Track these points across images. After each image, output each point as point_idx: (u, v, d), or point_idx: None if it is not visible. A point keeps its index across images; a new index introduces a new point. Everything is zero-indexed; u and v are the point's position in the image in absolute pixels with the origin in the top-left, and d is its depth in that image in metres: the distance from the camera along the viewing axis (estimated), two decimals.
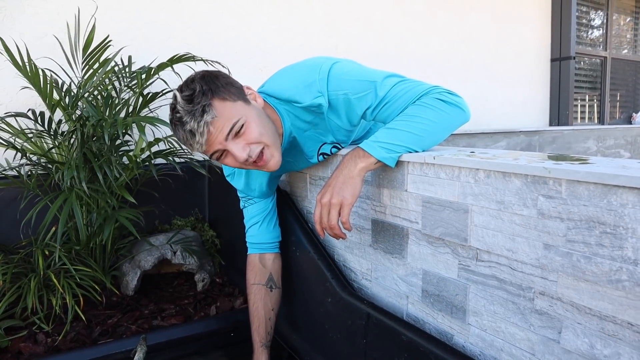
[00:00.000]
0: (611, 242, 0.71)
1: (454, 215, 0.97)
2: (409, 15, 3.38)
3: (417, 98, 1.07)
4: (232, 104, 1.04)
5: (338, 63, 1.13)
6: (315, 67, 1.12)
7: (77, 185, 1.57)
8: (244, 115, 1.05)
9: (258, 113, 1.09)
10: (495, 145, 3.18)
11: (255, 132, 1.06)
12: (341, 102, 1.11)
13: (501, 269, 0.89)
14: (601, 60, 4.91)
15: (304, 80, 1.12)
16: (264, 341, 1.37)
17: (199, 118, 1.01)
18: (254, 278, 1.42)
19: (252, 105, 1.10)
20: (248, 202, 1.44)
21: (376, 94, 1.08)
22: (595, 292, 0.74)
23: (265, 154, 1.08)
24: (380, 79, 1.09)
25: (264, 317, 1.38)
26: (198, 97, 1.02)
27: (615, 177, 0.68)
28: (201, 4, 2.47)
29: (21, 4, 2.02)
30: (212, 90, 1.03)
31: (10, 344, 1.48)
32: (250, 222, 1.45)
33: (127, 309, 1.71)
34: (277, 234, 1.46)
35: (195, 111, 1.01)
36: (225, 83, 1.07)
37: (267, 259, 1.44)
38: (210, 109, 1.01)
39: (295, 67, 1.19)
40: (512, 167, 0.83)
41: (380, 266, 1.23)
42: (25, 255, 1.68)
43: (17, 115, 1.70)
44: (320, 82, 1.10)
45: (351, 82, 1.10)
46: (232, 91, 1.06)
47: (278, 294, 1.44)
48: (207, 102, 1.01)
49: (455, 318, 1.01)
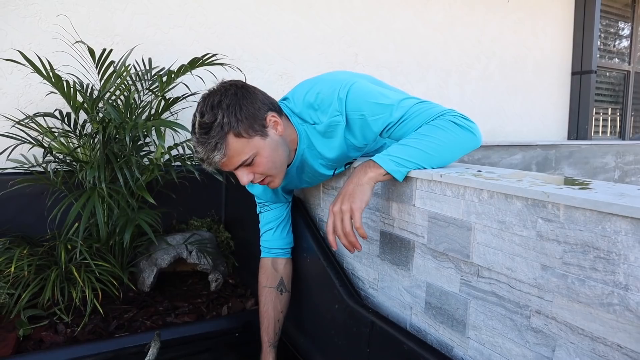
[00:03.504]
0: (604, 266, 0.74)
1: (458, 231, 1.01)
2: (429, 25, 3.40)
3: (432, 119, 1.11)
4: (246, 141, 1.09)
5: (357, 83, 1.16)
6: (335, 87, 1.15)
7: (99, 185, 1.64)
8: (256, 150, 1.11)
9: (272, 146, 1.13)
10: (510, 158, 3.18)
11: (263, 166, 1.13)
12: (357, 122, 1.16)
13: (500, 286, 0.93)
14: (624, 74, 4.86)
15: (325, 99, 1.16)
16: (272, 341, 1.43)
17: (209, 152, 1.07)
18: (266, 281, 1.48)
19: (269, 137, 1.13)
20: (264, 208, 1.50)
21: (392, 115, 1.12)
22: (587, 314, 0.77)
23: (267, 180, 1.18)
24: (397, 101, 1.13)
25: (273, 319, 1.45)
26: (215, 130, 1.05)
27: (610, 205, 0.71)
28: (225, 11, 2.54)
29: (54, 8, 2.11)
30: (231, 124, 1.06)
31: (32, 332, 1.56)
32: (265, 228, 1.51)
33: (142, 304, 1.78)
34: (290, 240, 1.52)
35: (209, 144, 1.06)
36: (248, 115, 1.09)
37: (279, 264, 1.50)
38: (222, 147, 1.06)
39: (317, 84, 1.21)
40: (514, 190, 0.87)
41: (387, 276, 1.27)
42: (48, 248, 1.76)
43: (46, 115, 1.78)
44: (339, 102, 1.14)
45: (369, 104, 1.14)
46: (251, 125, 1.09)
47: (287, 297, 1.50)
48: (221, 140, 1.06)
49: (456, 331, 1.04)
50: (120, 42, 2.22)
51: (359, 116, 1.14)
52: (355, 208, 1.06)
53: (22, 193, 1.91)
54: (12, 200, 1.91)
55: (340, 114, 1.15)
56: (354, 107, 1.14)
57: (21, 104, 2.08)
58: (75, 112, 1.76)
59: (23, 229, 1.91)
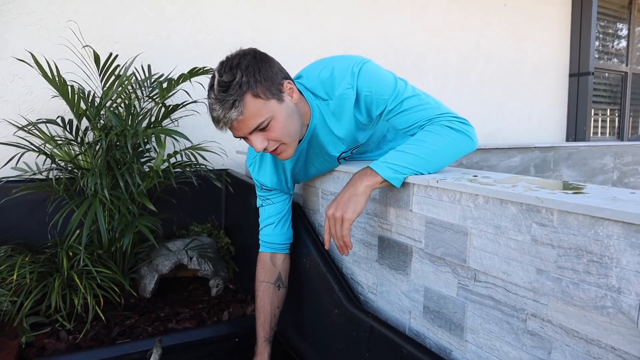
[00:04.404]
0: (597, 270, 0.75)
1: (454, 236, 1.02)
2: (428, 30, 3.43)
3: (429, 122, 1.13)
4: (263, 103, 1.09)
5: (370, 62, 1.20)
6: (350, 62, 1.19)
7: (101, 192, 1.66)
8: (272, 114, 1.10)
9: (288, 112, 1.14)
10: (509, 160, 3.20)
11: (278, 132, 1.13)
12: (365, 98, 1.19)
13: (497, 290, 0.94)
14: (622, 76, 4.88)
15: (339, 74, 1.19)
16: (267, 336, 1.43)
17: (226, 110, 1.06)
18: (264, 276, 1.47)
19: (285, 103, 1.14)
20: (266, 202, 1.48)
21: (394, 100, 1.17)
22: (582, 317, 0.78)
23: (280, 148, 1.17)
24: (403, 88, 1.18)
25: (270, 314, 1.45)
26: (233, 89, 1.05)
27: (601, 210, 0.73)
28: (224, 18, 2.56)
29: (55, 16, 2.13)
30: (249, 84, 1.07)
31: (35, 339, 1.57)
32: (266, 222, 1.49)
33: (144, 310, 1.79)
34: (289, 235, 1.51)
35: (226, 102, 1.06)
36: (266, 77, 1.10)
37: (277, 259, 1.50)
38: (239, 105, 1.06)
39: (333, 62, 1.24)
40: (509, 195, 0.88)
41: (386, 281, 1.28)
42: (50, 255, 1.78)
43: (48, 122, 1.80)
44: (352, 76, 1.17)
45: (377, 84, 1.18)
46: (268, 87, 1.10)
47: (284, 292, 1.50)
48: (239, 98, 1.06)
49: (454, 334, 1.05)
50: (120, 49, 2.24)
51: (367, 92, 1.18)
52: (346, 218, 1.09)
53: (23, 200, 1.92)
54: (14, 208, 1.93)
55: (352, 87, 1.18)
56: (364, 83, 1.17)
57: (22, 111, 2.10)
58: (78, 119, 1.78)
59: (25, 236, 1.93)
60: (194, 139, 2.37)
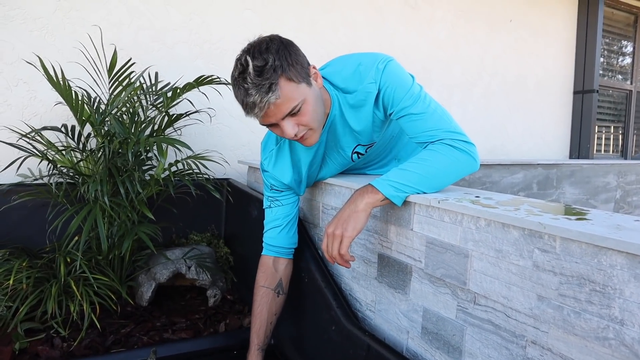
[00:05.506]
0: (600, 300, 0.74)
1: (455, 258, 1.01)
2: (433, 43, 3.43)
3: (432, 141, 1.13)
4: (296, 86, 1.09)
5: (395, 61, 1.22)
6: (376, 59, 1.20)
7: (101, 199, 1.65)
8: (304, 97, 1.11)
9: (315, 96, 1.15)
10: (512, 177, 3.18)
11: (308, 116, 1.13)
12: (384, 94, 1.20)
13: (497, 314, 0.92)
14: (626, 93, 4.87)
15: (364, 70, 1.20)
16: (261, 344, 1.41)
17: (264, 94, 1.05)
18: (264, 281, 1.43)
19: (313, 87, 1.15)
20: (275, 203, 1.44)
21: (406, 102, 1.17)
22: (583, 347, 0.77)
23: (307, 134, 1.18)
24: (417, 91, 1.19)
25: (266, 321, 1.42)
26: (268, 72, 1.05)
27: (605, 240, 0.72)
28: (229, 28, 2.56)
29: (61, 23, 2.14)
30: (282, 67, 1.06)
31: (28, 346, 1.55)
32: (272, 224, 1.45)
33: (140, 319, 1.78)
34: (295, 240, 1.48)
35: (262, 86, 1.05)
36: (296, 61, 1.10)
37: (280, 264, 1.46)
38: (276, 88, 1.05)
39: (358, 58, 1.24)
40: (511, 219, 0.87)
41: (384, 299, 1.27)
42: (47, 261, 1.77)
43: (52, 129, 1.80)
44: (376, 72, 1.18)
45: (397, 83, 1.18)
46: (299, 71, 1.10)
47: (283, 299, 1.47)
48: (275, 81, 1.05)
49: (452, 357, 1.04)
50: (125, 56, 2.24)
51: (387, 89, 1.19)
52: (345, 236, 1.08)
53: (23, 205, 1.92)
54: (12, 212, 1.92)
55: (375, 82, 1.18)
56: (386, 80, 1.18)
57: (25, 116, 2.10)
58: (81, 125, 1.78)
59: (23, 241, 1.92)
60: (196, 147, 2.37)
